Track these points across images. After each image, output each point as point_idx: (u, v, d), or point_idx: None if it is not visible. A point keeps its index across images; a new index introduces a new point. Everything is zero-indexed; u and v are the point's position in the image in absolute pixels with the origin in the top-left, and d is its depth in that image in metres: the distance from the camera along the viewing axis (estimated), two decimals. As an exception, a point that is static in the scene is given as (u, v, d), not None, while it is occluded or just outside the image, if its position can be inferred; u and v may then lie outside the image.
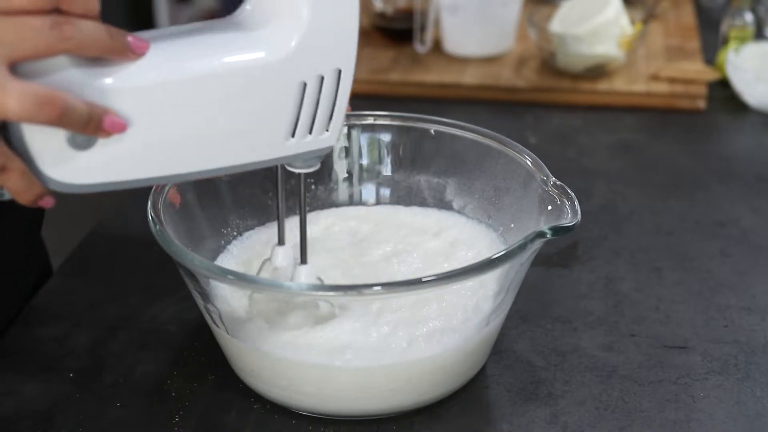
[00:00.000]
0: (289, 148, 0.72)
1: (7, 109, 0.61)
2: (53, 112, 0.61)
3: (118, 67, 0.65)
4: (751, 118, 1.31)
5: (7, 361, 0.87)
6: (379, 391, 0.79)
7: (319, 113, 0.72)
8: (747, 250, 1.03)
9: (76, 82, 0.64)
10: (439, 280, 0.75)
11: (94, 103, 0.64)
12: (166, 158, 0.69)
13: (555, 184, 0.83)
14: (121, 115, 0.65)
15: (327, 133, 0.73)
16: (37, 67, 0.63)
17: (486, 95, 1.36)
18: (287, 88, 0.70)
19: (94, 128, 0.64)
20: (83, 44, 0.63)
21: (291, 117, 0.71)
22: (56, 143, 0.65)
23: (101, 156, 0.66)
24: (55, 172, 0.66)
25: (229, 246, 0.90)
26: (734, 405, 0.82)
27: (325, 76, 0.71)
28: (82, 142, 0.65)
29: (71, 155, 0.65)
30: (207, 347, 0.87)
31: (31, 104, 0.61)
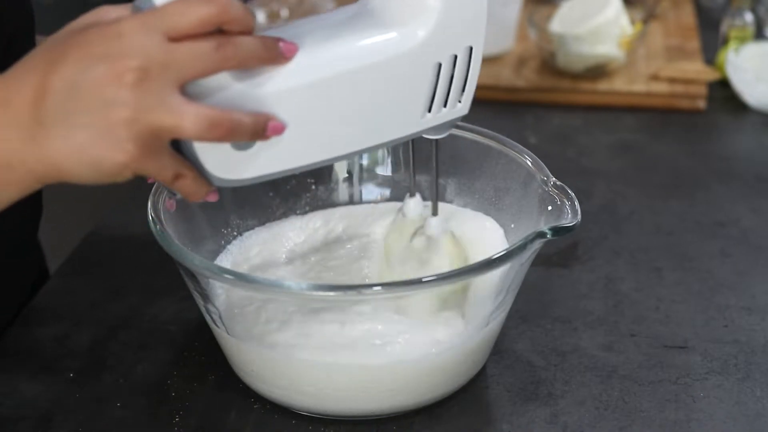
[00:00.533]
0: (426, 122, 0.76)
1: (183, 131, 0.65)
2: (222, 132, 0.66)
3: (272, 72, 0.69)
4: (751, 118, 1.30)
5: (7, 361, 0.87)
6: (379, 391, 0.79)
7: (453, 88, 0.75)
8: (747, 250, 1.03)
9: (238, 96, 0.68)
10: (439, 280, 0.75)
11: (257, 114, 0.68)
12: (318, 147, 0.73)
13: (555, 185, 0.83)
14: (279, 118, 0.69)
15: (460, 104, 0.76)
16: (204, 87, 0.67)
17: (486, 95, 1.35)
18: (424, 70, 0.73)
19: (258, 136, 0.68)
20: (243, 61, 0.67)
21: (427, 95, 0.74)
22: (222, 149, 0.69)
23: (262, 152, 0.70)
24: (221, 172, 0.70)
25: (229, 246, 0.90)
26: (734, 405, 0.82)
27: (458, 55, 0.74)
28: (243, 144, 0.69)
29: (234, 155, 0.70)
30: (207, 347, 0.87)
31: (203, 127, 0.65)
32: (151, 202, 0.81)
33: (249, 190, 0.91)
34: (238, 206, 0.91)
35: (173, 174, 0.68)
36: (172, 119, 0.65)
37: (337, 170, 0.96)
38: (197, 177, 0.69)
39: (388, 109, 0.73)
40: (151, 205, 0.80)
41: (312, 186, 0.95)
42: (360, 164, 0.96)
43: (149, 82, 0.64)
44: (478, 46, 0.75)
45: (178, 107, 0.65)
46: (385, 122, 0.74)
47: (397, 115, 0.74)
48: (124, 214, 1.08)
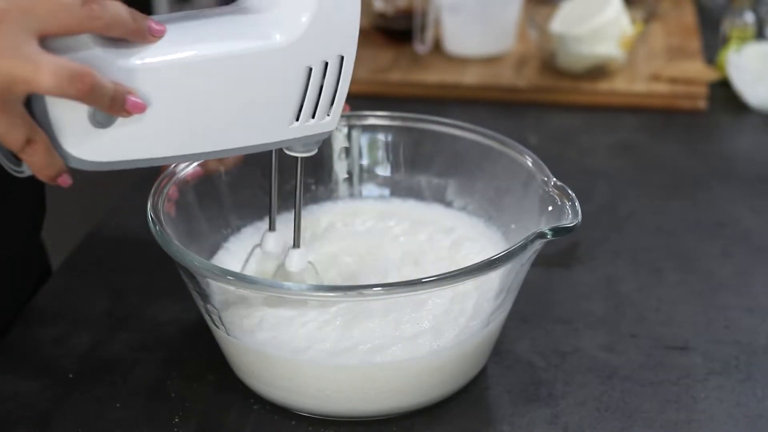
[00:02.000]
0: (293, 131, 0.75)
1: (40, 83, 0.63)
2: (83, 88, 0.63)
3: (137, 49, 0.68)
4: (752, 119, 1.30)
5: (7, 361, 0.87)
6: (379, 391, 0.79)
7: (322, 98, 0.75)
8: (748, 251, 1.03)
9: (100, 61, 0.66)
10: (439, 281, 0.75)
11: (120, 83, 0.66)
12: (179, 138, 0.72)
13: (556, 185, 0.82)
14: (140, 96, 0.67)
15: (328, 118, 0.76)
16: (64, 44, 0.65)
17: (486, 95, 1.36)
18: (294, 72, 0.73)
19: (117, 108, 0.66)
20: (109, 24, 0.65)
21: (296, 101, 0.74)
22: (78, 120, 0.67)
23: (118, 135, 0.69)
24: (75, 149, 0.68)
25: (226, 244, 0.90)
26: (735, 406, 0.82)
27: (329, 62, 0.74)
28: (102, 120, 0.67)
29: (91, 132, 0.68)
30: (207, 347, 0.87)
31: (63, 78, 0.63)
32: (151, 202, 0.81)
33: (249, 190, 0.91)
34: (237, 206, 0.91)
35: (24, 137, 0.65)
36: (27, 68, 0.62)
37: (337, 170, 0.96)
38: (50, 149, 0.67)
39: (256, 108, 0.73)
40: (150, 206, 0.80)
41: (312, 186, 0.95)
42: (360, 164, 0.96)
43: (5, 25, 0.62)
44: (349, 57, 0.74)
45: (36, 56, 0.63)
46: (251, 123, 0.73)
47: (265, 118, 0.74)
48: (124, 214, 1.08)
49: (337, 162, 0.96)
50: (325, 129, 0.76)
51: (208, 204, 0.88)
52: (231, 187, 0.90)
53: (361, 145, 0.95)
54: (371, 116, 0.95)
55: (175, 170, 0.85)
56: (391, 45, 1.47)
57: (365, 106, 0.97)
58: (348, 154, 0.96)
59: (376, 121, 0.95)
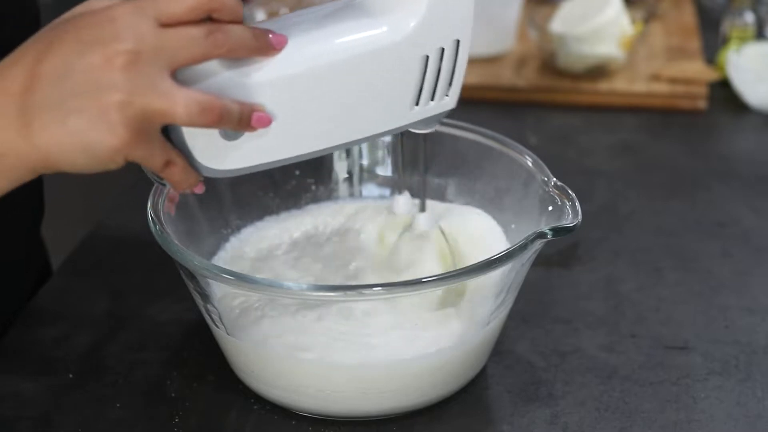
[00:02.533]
0: (414, 115, 0.76)
1: (175, 116, 0.66)
2: (213, 117, 0.67)
3: (261, 63, 0.70)
4: (752, 119, 1.30)
5: (7, 361, 0.87)
6: (379, 391, 0.79)
7: (440, 82, 0.76)
8: (748, 251, 1.03)
9: (227, 84, 0.68)
10: (439, 281, 0.75)
11: (244, 103, 0.69)
12: (306, 139, 0.73)
13: (556, 185, 0.82)
14: (267, 109, 0.70)
15: (447, 98, 0.77)
16: (194, 73, 0.68)
17: (486, 95, 1.35)
18: (411, 63, 0.74)
19: (244, 125, 0.69)
20: (233, 49, 0.68)
21: (415, 88, 0.75)
22: (211, 138, 0.70)
23: (250, 143, 0.71)
24: (208, 161, 0.71)
25: (226, 244, 0.90)
26: (735, 406, 0.82)
27: (445, 48, 0.74)
28: (232, 134, 0.70)
29: (223, 146, 0.70)
30: (207, 347, 0.87)
31: (195, 111, 0.66)
32: (151, 202, 0.81)
33: (249, 190, 0.91)
34: (237, 206, 0.91)
35: (164, 161, 0.68)
36: (163, 103, 0.65)
37: (337, 170, 0.96)
38: (186, 166, 0.70)
39: (376, 101, 0.74)
40: (150, 206, 0.80)
41: (312, 186, 0.95)
42: (360, 164, 0.96)
43: (141, 66, 0.64)
44: (465, 39, 0.75)
45: (170, 91, 0.65)
46: (373, 115, 0.74)
47: (385, 108, 0.75)
48: (124, 214, 1.08)
49: (337, 162, 0.95)
50: (445, 108, 0.77)
51: (208, 204, 0.88)
52: (231, 187, 0.90)
53: (361, 145, 0.95)
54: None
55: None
56: (391, 45, 1.46)
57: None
58: (348, 154, 0.96)
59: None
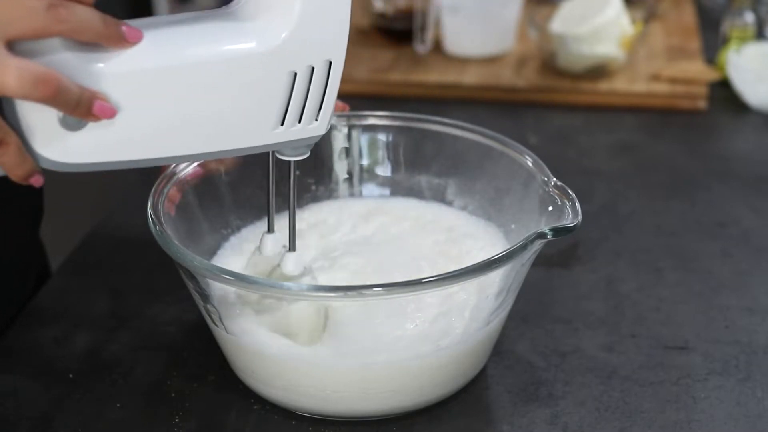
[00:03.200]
0: (278, 135, 0.73)
1: (5, 85, 0.63)
2: (48, 91, 0.64)
3: (110, 54, 0.67)
4: (752, 119, 1.30)
5: (7, 361, 0.87)
6: (379, 391, 0.79)
7: (309, 103, 0.73)
8: (748, 251, 1.03)
9: (69, 65, 0.65)
10: (439, 281, 0.75)
11: (86, 87, 0.66)
12: (156, 142, 0.70)
13: (556, 185, 0.82)
14: (112, 101, 0.67)
15: (316, 123, 0.74)
16: (32, 48, 0.65)
17: (486, 95, 1.36)
18: (277, 77, 0.71)
19: (84, 112, 0.66)
20: (77, 28, 0.65)
21: (280, 106, 0.72)
22: (48, 122, 0.67)
23: (91, 137, 0.68)
24: (46, 150, 0.68)
25: (226, 243, 0.90)
26: (735, 406, 0.82)
27: (316, 67, 0.71)
28: (72, 123, 0.67)
29: (62, 135, 0.67)
30: (207, 347, 0.87)
31: (27, 82, 0.63)
32: (151, 202, 0.81)
33: (249, 190, 0.91)
34: (237, 207, 0.91)
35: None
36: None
37: (337, 170, 0.96)
38: (21, 150, 0.67)
39: (237, 114, 0.71)
40: (150, 206, 0.80)
41: (312, 186, 0.95)
42: (360, 164, 0.96)
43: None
44: (337, 61, 0.72)
45: (1, 60, 0.63)
46: (234, 128, 0.71)
47: (247, 123, 0.72)
48: (124, 214, 1.08)
49: (337, 162, 0.95)
50: (313, 134, 0.74)
51: (208, 204, 0.88)
52: (231, 187, 0.90)
53: (361, 145, 0.95)
54: (371, 116, 0.95)
55: (175, 170, 0.85)
56: (391, 45, 1.47)
57: (365, 106, 0.97)
58: (348, 154, 0.96)
59: (376, 121, 0.95)
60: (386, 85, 1.37)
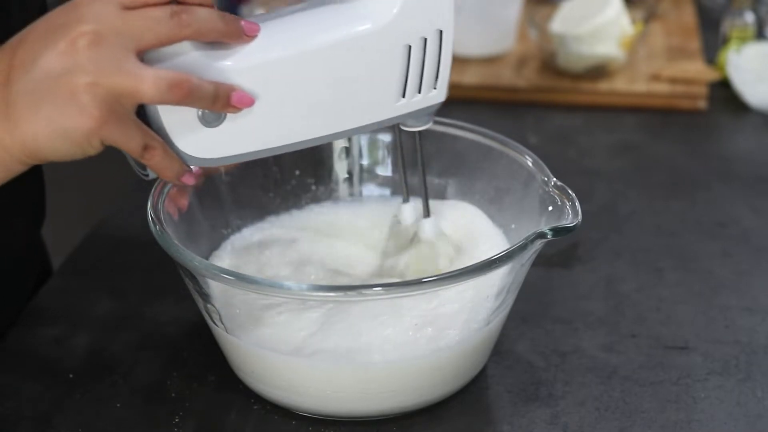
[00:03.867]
0: (401, 107, 0.76)
1: (143, 94, 0.66)
2: (182, 92, 0.67)
3: (234, 49, 0.70)
4: (752, 119, 1.30)
5: (7, 361, 0.87)
6: (379, 391, 0.79)
7: (426, 73, 0.75)
8: (748, 251, 1.03)
9: (198, 64, 0.69)
10: (439, 281, 0.75)
11: (220, 82, 0.69)
12: (288, 128, 0.73)
13: (556, 185, 0.82)
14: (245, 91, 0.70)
15: (435, 91, 0.77)
16: (162, 54, 0.68)
17: (486, 95, 1.35)
18: (393, 52, 0.74)
19: (222, 104, 0.69)
20: (201, 30, 0.68)
21: (400, 79, 0.75)
22: (189, 121, 0.70)
23: (230, 131, 0.71)
24: (189, 148, 0.71)
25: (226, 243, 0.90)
26: (735, 406, 0.82)
27: (428, 38, 0.74)
28: (211, 118, 0.70)
29: (203, 131, 0.70)
30: (207, 347, 0.87)
31: (163, 87, 0.66)
32: (151, 202, 0.81)
33: (249, 190, 0.91)
34: (237, 206, 0.91)
35: (142, 144, 0.68)
36: (130, 82, 0.65)
37: (337, 170, 0.96)
38: (167, 151, 0.70)
39: (360, 91, 0.74)
40: (150, 206, 0.80)
41: (312, 186, 0.95)
42: (360, 164, 0.96)
43: (104, 46, 0.65)
44: (448, 30, 0.75)
45: (136, 70, 0.66)
46: (358, 105, 0.74)
47: (370, 99, 0.74)
48: (124, 214, 1.08)
49: (337, 162, 0.95)
50: (434, 101, 0.77)
51: (208, 204, 0.88)
52: (231, 187, 0.90)
53: (361, 145, 0.95)
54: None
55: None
56: (391, 45, 1.46)
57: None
58: (348, 154, 0.96)
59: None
60: (386, 85, 1.37)
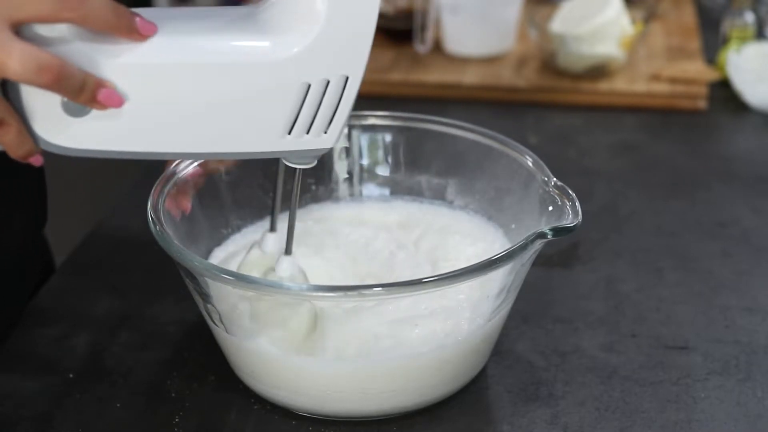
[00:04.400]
0: (285, 144, 0.72)
1: (8, 69, 0.63)
2: (50, 77, 0.64)
3: (120, 45, 0.66)
4: (752, 119, 1.30)
5: (7, 361, 0.87)
6: (379, 391, 0.79)
7: (320, 115, 0.71)
8: (748, 251, 1.03)
9: (77, 53, 0.65)
10: (439, 281, 0.75)
11: (91, 74, 0.66)
12: (159, 136, 0.70)
13: (556, 185, 0.82)
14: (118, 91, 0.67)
15: (325, 135, 0.73)
16: (41, 34, 0.65)
17: (486, 95, 1.36)
18: (289, 87, 0.70)
19: (87, 98, 0.66)
20: (87, 17, 0.64)
21: (290, 115, 0.71)
22: (51, 106, 0.67)
23: (94, 125, 0.68)
24: (46, 133, 0.68)
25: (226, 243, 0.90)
26: (735, 405, 0.82)
27: (331, 81, 0.70)
28: (76, 109, 0.67)
29: (64, 120, 0.67)
30: (207, 347, 0.87)
31: (30, 67, 0.63)
32: (151, 202, 0.81)
33: (249, 190, 0.91)
34: (237, 206, 0.91)
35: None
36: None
37: (337, 170, 0.96)
38: (22, 131, 0.67)
39: (244, 118, 0.70)
40: (150, 206, 0.80)
41: (312, 186, 0.95)
42: (360, 164, 0.96)
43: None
44: (355, 77, 0.71)
45: (6, 43, 0.63)
46: (240, 132, 0.71)
47: (254, 128, 0.71)
48: (124, 214, 1.08)
49: (337, 162, 0.95)
50: (321, 146, 0.73)
51: (208, 204, 0.88)
52: (231, 187, 0.90)
53: (361, 145, 0.95)
54: (371, 116, 0.95)
55: (175, 170, 0.85)
56: (391, 45, 1.47)
57: (365, 106, 0.97)
58: (348, 154, 0.96)
59: (376, 121, 0.95)
60: (386, 85, 1.37)
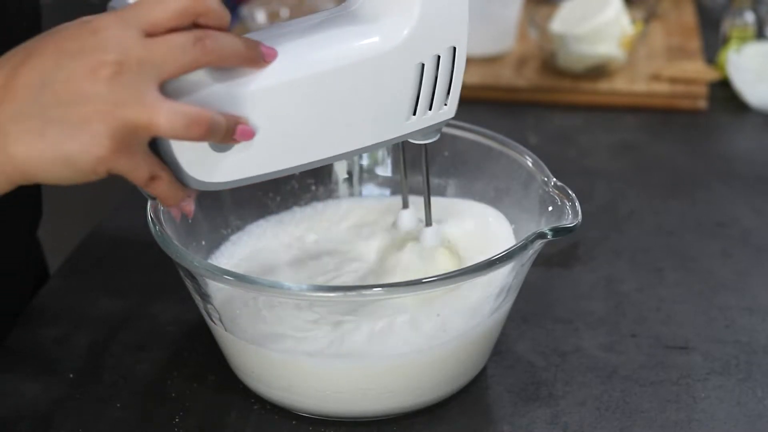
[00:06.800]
0: (411, 125, 0.75)
1: (159, 128, 0.64)
2: (200, 131, 0.65)
3: (249, 74, 0.68)
4: (752, 118, 1.30)
5: (7, 362, 0.87)
6: (379, 392, 0.79)
7: (438, 90, 0.74)
8: (748, 251, 1.03)
9: (216, 94, 0.67)
10: (439, 281, 0.75)
11: (230, 115, 0.67)
12: (297, 150, 0.72)
13: (556, 185, 0.82)
14: (253, 119, 0.68)
15: (446, 107, 0.76)
16: (180, 84, 0.66)
17: (486, 95, 1.35)
18: (405, 71, 0.73)
19: (229, 138, 0.68)
20: (223, 56, 0.66)
21: (411, 97, 0.74)
22: (200, 149, 0.68)
23: (241, 154, 0.70)
24: (199, 173, 0.69)
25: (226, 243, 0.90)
26: (735, 405, 0.82)
27: (441, 55, 0.73)
28: (222, 146, 0.69)
29: (213, 157, 0.69)
30: (207, 347, 0.87)
31: (180, 124, 0.64)
32: (151, 202, 0.81)
33: (249, 190, 0.91)
34: (237, 207, 0.91)
35: (148, 174, 0.66)
36: (147, 116, 0.63)
37: (337, 170, 0.96)
38: (173, 180, 0.68)
39: (371, 111, 0.73)
40: (150, 206, 0.80)
41: (312, 186, 0.95)
42: (360, 164, 0.96)
43: (125, 77, 0.63)
44: (461, 46, 0.74)
45: (155, 104, 0.63)
46: (369, 125, 0.73)
47: (381, 118, 0.73)
48: (124, 214, 1.08)
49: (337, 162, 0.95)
50: (444, 117, 0.76)
51: (208, 204, 0.88)
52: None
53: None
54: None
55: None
56: (391, 45, 1.46)
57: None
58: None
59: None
60: (386, 85, 1.37)
